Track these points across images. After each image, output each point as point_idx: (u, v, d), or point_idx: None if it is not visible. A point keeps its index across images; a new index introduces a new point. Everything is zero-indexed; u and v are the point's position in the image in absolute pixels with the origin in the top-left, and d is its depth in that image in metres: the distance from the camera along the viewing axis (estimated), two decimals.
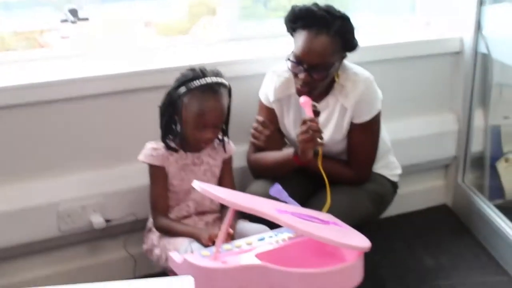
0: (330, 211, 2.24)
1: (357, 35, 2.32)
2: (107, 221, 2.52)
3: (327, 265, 1.91)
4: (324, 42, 2.23)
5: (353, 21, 2.30)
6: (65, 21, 2.70)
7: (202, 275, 1.88)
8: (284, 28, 2.35)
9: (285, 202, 2.15)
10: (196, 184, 1.93)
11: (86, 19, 2.72)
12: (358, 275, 1.96)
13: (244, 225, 2.29)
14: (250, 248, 1.99)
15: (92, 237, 2.58)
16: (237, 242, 2.03)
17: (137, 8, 2.88)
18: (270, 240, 2.05)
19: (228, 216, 1.92)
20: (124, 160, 2.52)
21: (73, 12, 2.70)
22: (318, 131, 2.20)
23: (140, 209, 2.50)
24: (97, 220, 2.50)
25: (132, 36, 2.87)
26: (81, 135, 2.49)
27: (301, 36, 2.25)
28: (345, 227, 2.10)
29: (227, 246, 1.99)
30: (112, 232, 2.58)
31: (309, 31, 2.24)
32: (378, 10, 3.17)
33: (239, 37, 2.89)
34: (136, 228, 2.54)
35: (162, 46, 2.82)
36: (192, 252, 2.05)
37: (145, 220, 2.41)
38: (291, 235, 2.07)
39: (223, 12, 2.87)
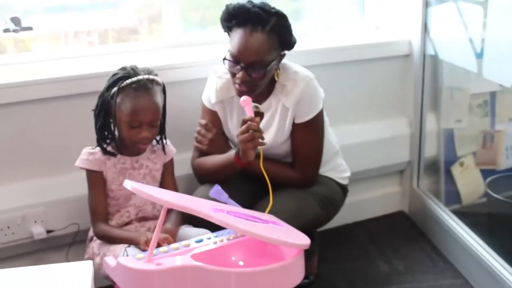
0: (276, 214, 2.19)
1: (294, 32, 2.30)
2: (49, 231, 2.45)
3: (267, 265, 1.86)
4: (260, 39, 2.19)
5: (289, 19, 2.28)
6: (7, 30, 2.64)
7: (136, 278, 1.83)
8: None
9: (225, 203, 2.10)
10: (128, 184, 1.87)
11: (30, 28, 2.67)
12: (297, 274, 1.90)
13: (186, 229, 2.24)
14: (187, 250, 1.93)
15: (34, 250, 2.51)
16: (174, 244, 1.97)
17: (83, 16, 2.83)
18: (208, 241, 1.99)
19: (161, 215, 1.85)
20: (66, 168, 2.45)
21: (16, 21, 2.64)
22: (258, 131, 2.16)
23: (83, 219, 2.41)
24: (38, 231, 2.43)
25: (74, 44, 2.82)
26: (20, 142, 2.43)
27: (237, 35, 2.22)
28: (285, 226, 2.05)
29: (163, 248, 1.93)
30: (54, 243, 2.51)
31: (244, 29, 2.21)
32: (328, 14, 3.15)
33: (184, 44, 2.85)
34: (79, 239, 2.47)
35: (104, 52, 2.77)
36: (127, 256, 1.98)
37: (88, 231, 2.34)
38: (230, 237, 2.01)
39: (167, 19, 2.83)
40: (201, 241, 1.99)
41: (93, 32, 2.86)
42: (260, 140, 2.17)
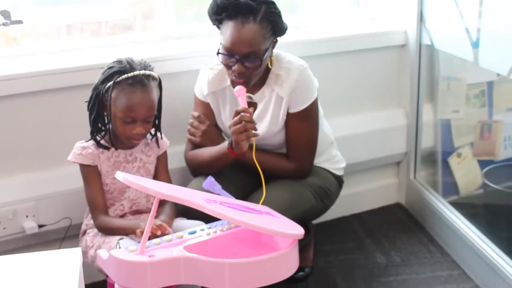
0: (270, 205, 2.17)
1: (289, 23, 2.29)
2: (41, 226, 2.42)
3: (261, 255, 1.83)
4: (253, 29, 2.17)
5: (285, 11, 2.26)
6: None
7: (128, 270, 1.81)
8: None
9: (218, 195, 2.07)
10: (119, 175, 1.84)
11: (20, 21, 2.63)
12: (291, 265, 1.88)
13: (180, 222, 2.21)
14: (181, 241, 1.91)
15: (25, 244, 2.47)
16: (167, 236, 1.94)
17: (75, 8, 2.80)
18: (201, 233, 1.96)
19: (154, 206, 1.83)
20: (58, 162, 2.43)
21: (5, 14, 2.61)
22: (251, 122, 2.13)
23: (75, 213, 2.41)
24: (30, 226, 2.40)
25: (68, 36, 2.79)
26: (10, 136, 2.40)
27: (228, 27, 2.19)
28: (279, 217, 2.03)
29: (156, 240, 1.91)
30: (46, 238, 2.48)
31: (235, 20, 2.18)
32: (323, 5, 3.12)
33: (177, 36, 2.82)
34: (71, 233, 2.44)
35: (97, 45, 2.74)
36: (119, 248, 1.96)
37: (80, 225, 2.31)
38: (224, 228, 1.99)
39: (159, 11, 2.80)
40: (194, 232, 1.96)
41: (86, 28, 2.82)
42: (253, 132, 2.14)
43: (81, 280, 1.42)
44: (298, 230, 1.90)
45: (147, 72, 2.14)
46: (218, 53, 2.23)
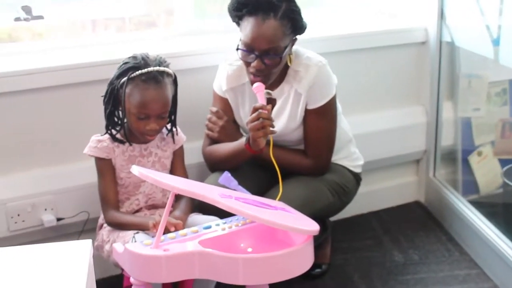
0: (286, 202, 2.16)
1: (309, 19, 2.28)
2: (59, 219, 2.44)
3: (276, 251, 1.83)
4: (273, 25, 2.17)
5: (304, 6, 2.26)
6: (18, 19, 2.63)
7: (143, 264, 1.82)
8: None
9: (234, 190, 2.07)
10: (135, 169, 1.86)
11: (41, 17, 2.65)
12: (306, 261, 1.87)
13: (196, 217, 2.21)
14: (195, 236, 1.91)
15: (44, 238, 2.48)
16: (182, 231, 1.95)
17: (95, 4, 2.81)
18: (216, 228, 1.97)
19: (169, 200, 1.83)
20: (76, 156, 2.42)
21: (27, 10, 2.63)
22: (268, 119, 2.13)
23: (93, 207, 2.41)
24: (48, 219, 2.42)
25: (93, 33, 2.81)
26: (31, 130, 2.41)
27: (249, 23, 2.19)
28: (294, 213, 2.02)
29: (171, 234, 1.92)
30: (64, 231, 2.49)
31: (256, 16, 2.18)
32: (343, 1, 3.10)
33: (197, 32, 2.82)
34: (89, 227, 2.46)
35: (119, 40, 2.75)
36: (135, 242, 1.97)
37: (98, 219, 2.33)
38: (239, 223, 1.99)
39: (179, 7, 2.80)
40: (209, 227, 1.97)
41: (111, 25, 2.83)
42: (271, 128, 2.14)
43: (91, 271, 1.42)
44: (313, 226, 1.89)
45: (161, 68, 2.14)
46: (237, 49, 2.23)
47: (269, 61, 2.20)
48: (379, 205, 3.13)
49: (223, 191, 1.96)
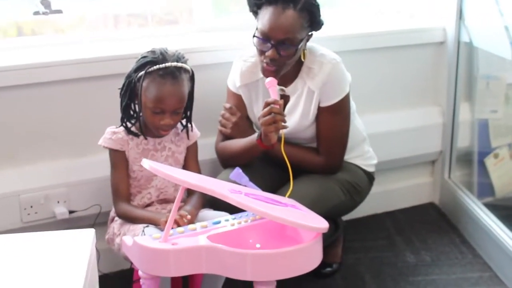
0: (297, 199, 2.15)
1: (327, 17, 2.29)
2: (71, 212, 2.46)
3: (284, 247, 1.83)
4: (291, 16, 2.17)
5: (323, 4, 2.26)
6: (37, 13, 2.64)
7: (151, 257, 1.83)
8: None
9: (245, 186, 2.07)
10: (146, 163, 1.86)
11: (60, 11, 2.67)
12: (314, 258, 1.87)
13: (206, 213, 2.21)
14: (204, 231, 1.91)
15: (56, 230, 2.49)
16: (191, 225, 1.96)
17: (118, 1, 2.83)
18: (225, 223, 1.98)
19: (179, 195, 1.83)
20: (90, 149, 2.45)
21: (46, 4, 2.65)
22: (280, 114, 2.12)
23: (105, 200, 2.41)
24: (61, 211, 2.44)
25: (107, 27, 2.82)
26: (44, 123, 2.43)
27: (267, 12, 2.20)
28: (304, 210, 2.02)
29: (180, 229, 1.92)
30: (76, 224, 2.49)
31: (276, 6, 2.18)
32: (362, 0, 3.10)
33: (214, 28, 2.82)
34: (101, 220, 2.46)
35: (139, 36, 2.75)
36: (144, 235, 1.97)
37: (110, 212, 2.33)
38: (248, 219, 1.99)
39: (198, 4, 2.81)
40: (218, 222, 1.97)
41: (134, 22, 2.84)
42: (282, 124, 2.13)
43: (92, 261, 1.43)
44: (322, 224, 1.88)
45: (179, 64, 2.15)
46: (253, 36, 2.23)
47: (284, 52, 2.20)
48: (393, 206, 3.11)
49: (233, 187, 1.96)
